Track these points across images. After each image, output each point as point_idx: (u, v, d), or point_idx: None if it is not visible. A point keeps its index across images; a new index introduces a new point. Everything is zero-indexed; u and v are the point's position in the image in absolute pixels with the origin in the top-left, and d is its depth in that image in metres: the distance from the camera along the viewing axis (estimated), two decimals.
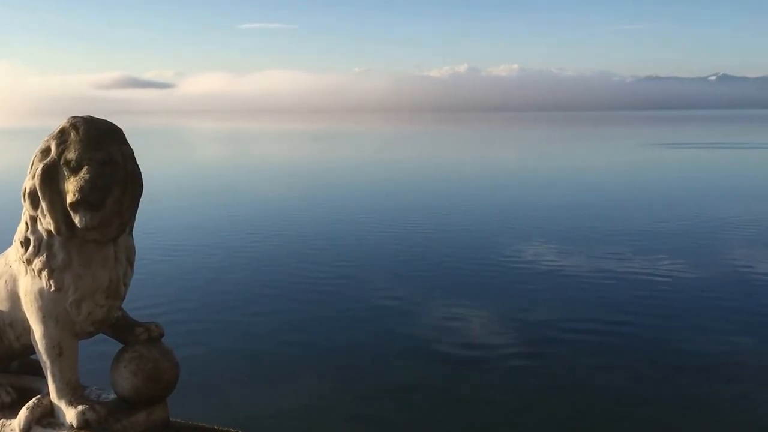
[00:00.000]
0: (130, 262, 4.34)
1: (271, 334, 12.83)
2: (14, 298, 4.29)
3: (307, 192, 35.41)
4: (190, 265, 18.51)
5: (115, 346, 4.58)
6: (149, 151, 63.60)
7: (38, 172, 3.92)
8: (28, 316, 4.23)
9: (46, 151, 3.97)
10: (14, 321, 4.36)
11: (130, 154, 4.11)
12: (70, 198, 3.81)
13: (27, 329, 4.30)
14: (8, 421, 4.43)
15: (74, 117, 4.01)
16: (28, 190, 4.00)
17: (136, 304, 13.84)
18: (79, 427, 4.16)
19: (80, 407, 4.19)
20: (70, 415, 4.19)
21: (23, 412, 4.31)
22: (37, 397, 4.39)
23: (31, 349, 4.42)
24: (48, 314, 4.13)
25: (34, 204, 3.98)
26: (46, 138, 4.03)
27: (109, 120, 4.13)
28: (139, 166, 4.12)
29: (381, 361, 11.44)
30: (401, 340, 12.42)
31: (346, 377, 10.72)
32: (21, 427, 4.28)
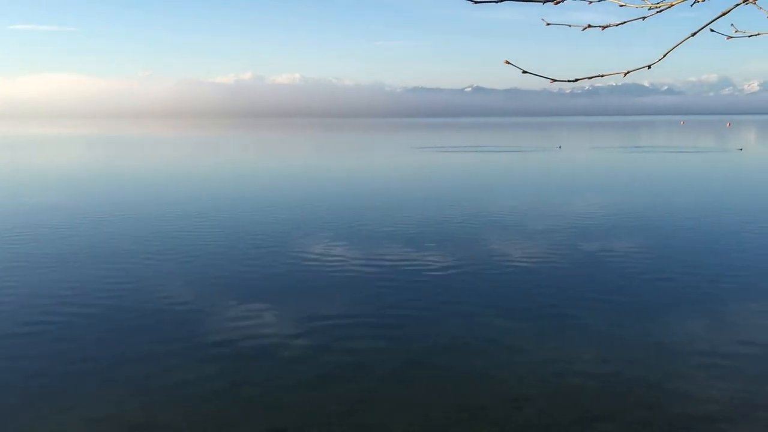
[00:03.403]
0: None
1: (51, 348, 11.78)
2: None
3: (83, 198, 33.05)
4: None
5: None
6: None
7: None
8: None
9: None
10: None
11: None
12: None
13: None
14: None
15: None
16: None
17: None
18: None
19: None
20: None
21: None
22: None
23: None
24: None
25: None
26: None
27: None
28: None
29: (170, 366, 10.93)
30: (191, 344, 11.98)
31: (133, 387, 10.11)
32: None
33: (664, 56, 3.82)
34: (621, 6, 3.77)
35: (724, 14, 3.68)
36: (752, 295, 15.01)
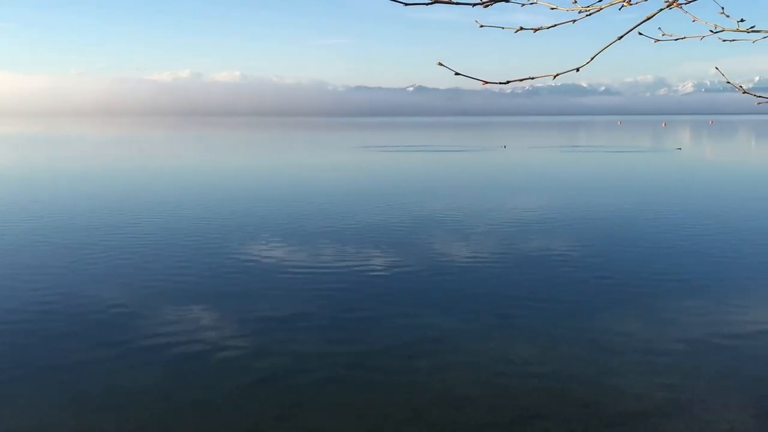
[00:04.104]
0: None
1: None
2: None
3: (12, 199, 31.91)
4: None
5: None
6: None
7: None
8: None
9: None
10: None
11: None
12: None
13: None
14: None
15: None
16: None
17: None
18: None
19: None
20: None
21: None
22: None
23: None
24: None
25: None
26: None
27: None
28: None
29: (103, 372, 10.66)
30: (125, 348, 11.70)
31: (64, 393, 9.82)
32: None
33: (592, 59, 3.93)
34: (552, 9, 3.83)
35: (648, 18, 3.78)
36: (686, 293, 15.50)
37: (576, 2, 3.83)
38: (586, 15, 3.84)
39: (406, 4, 3.47)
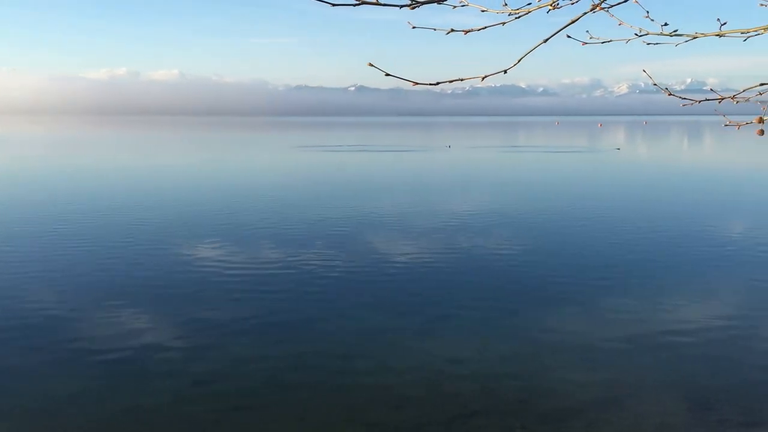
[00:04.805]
0: None
1: None
2: None
3: None
4: None
5: None
6: None
7: None
8: None
9: None
10: None
11: None
12: None
13: None
14: None
15: None
16: None
17: None
18: None
19: None
20: None
21: None
22: None
23: None
24: None
25: None
26: None
27: None
28: None
29: (36, 376, 10.27)
30: (58, 353, 11.33)
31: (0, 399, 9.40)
32: None
33: (519, 61, 3.96)
34: (483, 11, 3.84)
35: (573, 22, 3.87)
36: (621, 291, 15.84)
37: (506, 5, 3.89)
38: (516, 18, 3.88)
39: (333, 5, 3.45)
